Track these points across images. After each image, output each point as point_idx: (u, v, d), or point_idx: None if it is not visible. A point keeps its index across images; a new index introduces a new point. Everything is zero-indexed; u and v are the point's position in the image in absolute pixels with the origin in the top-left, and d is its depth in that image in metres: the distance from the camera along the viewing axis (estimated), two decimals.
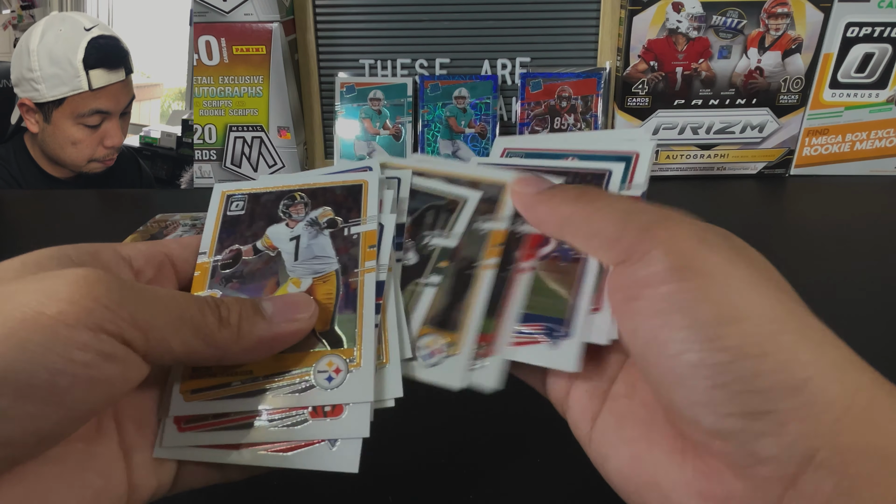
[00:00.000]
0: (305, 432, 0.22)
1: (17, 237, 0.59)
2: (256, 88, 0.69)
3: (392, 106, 0.68)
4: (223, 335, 0.21)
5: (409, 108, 0.68)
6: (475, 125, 0.67)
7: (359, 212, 0.26)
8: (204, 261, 0.26)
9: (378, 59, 0.72)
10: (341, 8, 0.71)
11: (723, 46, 0.66)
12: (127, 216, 0.62)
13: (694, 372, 0.18)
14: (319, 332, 0.23)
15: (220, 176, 0.71)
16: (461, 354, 0.23)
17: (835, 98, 0.68)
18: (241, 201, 0.27)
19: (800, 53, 0.66)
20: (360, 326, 0.23)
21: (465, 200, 0.26)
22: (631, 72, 0.67)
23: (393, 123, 0.68)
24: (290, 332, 0.22)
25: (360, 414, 0.22)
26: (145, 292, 0.19)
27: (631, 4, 0.64)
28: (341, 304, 0.24)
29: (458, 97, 0.68)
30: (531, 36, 0.70)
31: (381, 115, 0.69)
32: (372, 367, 0.22)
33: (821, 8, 0.64)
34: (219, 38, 0.68)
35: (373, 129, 0.69)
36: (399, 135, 0.68)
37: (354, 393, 0.22)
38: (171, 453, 0.22)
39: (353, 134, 0.70)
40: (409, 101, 0.68)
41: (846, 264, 0.50)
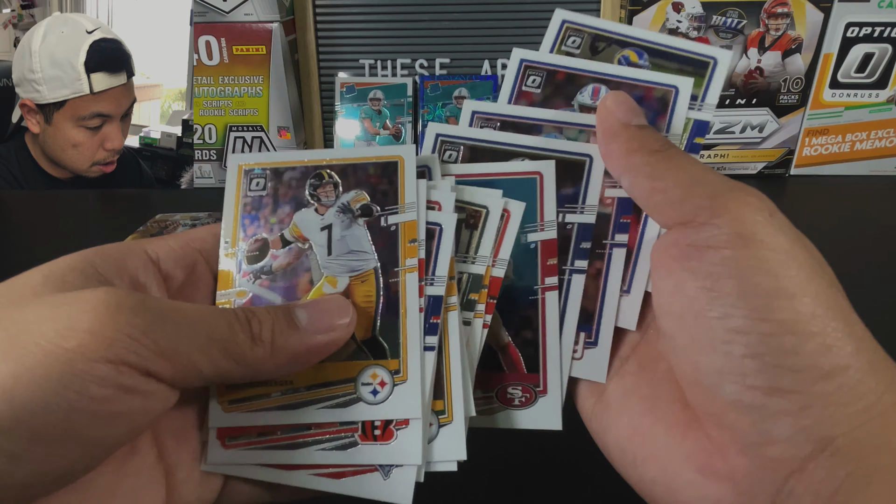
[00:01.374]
0: (356, 456, 0.20)
1: (17, 237, 0.59)
2: (256, 88, 0.69)
3: (392, 106, 0.68)
4: (255, 354, 0.19)
5: (409, 108, 0.68)
6: (389, 126, 0.68)
7: (396, 197, 0.22)
8: (228, 251, 0.23)
9: (378, 59, 0.72)
10: (341, 8, 0.71)
11: (723, 46, 0.66)
12: (127, 216, 0.62)
13: (732, 337, 0.18)
14: (360, 339, 0.21)
15: (220, 176, 0.71)
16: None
17: (835, 98, 0.68)
18: (261, 178, 0.24)
19: (800, 53, 0.66)
20: (403, 336, 0.21)
21: (488, 211, 0.23)
22: None
23: (393, 123, 0.68)
24: (325, 343, 0.20)
25: (412, 440, 0.20)
26: (171, 314, 0.18)
27: (631, 4, 0.64)
28: (383, 308, 0.21)
29: (458, 97, 0.68)
30: (531, 36, 0.70)
31: (381, 115, 0.69)
32: (418, 383, 0.20)
33: (821, 8, 0.64)
34: (219, 38, 0.68)
35: (373, 129, 0.69)
36: (399, 135, 0.68)
37: (402, 409, 0.20)
38: (219, 468, 0.21)
39: (353, 134, 0.70)
40: (409, 101, 0.68)
41: (846, 264, 0.50)
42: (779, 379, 0.17)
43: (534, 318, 0.22)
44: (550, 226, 0.22)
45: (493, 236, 0.22)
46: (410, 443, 0.20)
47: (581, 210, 0.23)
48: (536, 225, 0.22)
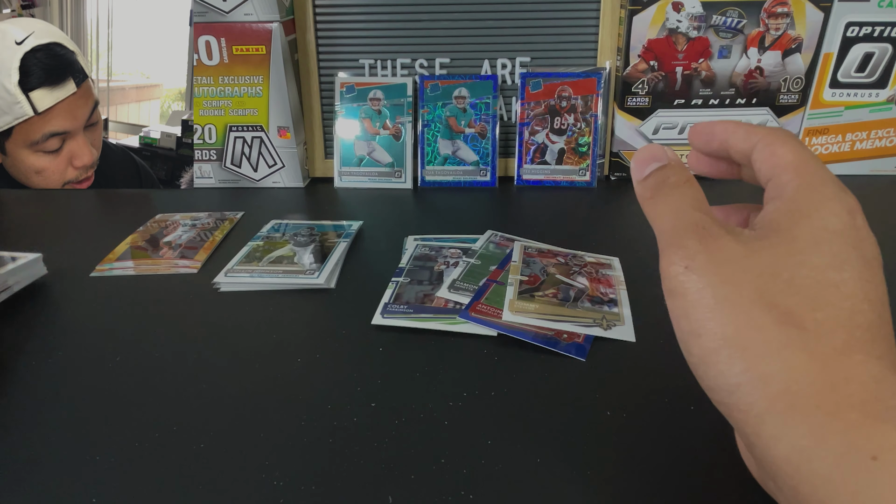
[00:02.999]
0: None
1: (16, 237, 0.59)
2: (256, 88, 0.69)
3: (392, 106, 0.68)
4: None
5: (409, 108, 0.68)
6: (475, 125, 0.67)
7: None
8: None
9: (378, 59, 0.72)
10: (341, 8, 0.71)
11: (723, 46, 0.66)
12: (127, 216, 0.62)
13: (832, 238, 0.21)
14: None
15: (220, 176, 0.71)
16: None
17: (835, 98, 0.68)
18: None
19: (800, 53, 0.66)
20: None
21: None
22: (631, 71, 0.67)
23: (393, 123, 0.68)
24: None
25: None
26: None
27: (631, 4, 0.64)
28: None
29: (458, 97, 0.68)
30: (531, 36, 0.70)
31: (381, 114, 0.69)
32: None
33: (821, 7, 0.64)
34: (219, 38, 0.68)
35: (373, 129, 0.69)
36: (399, 135, 0.68)
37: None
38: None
39: (353, 134, 0.70)
40: (409, 100, 0.68)
41: None
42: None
43: None
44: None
45: None
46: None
47: None
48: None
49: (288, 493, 0.28)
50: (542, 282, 0.44)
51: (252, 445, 0.31)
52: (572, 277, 0.45)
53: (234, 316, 0.42)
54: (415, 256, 0.49)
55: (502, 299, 0.42)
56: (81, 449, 0.31)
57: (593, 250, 0.49)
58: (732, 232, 0.23)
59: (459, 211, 0.61)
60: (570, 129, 0.67)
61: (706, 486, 0.28)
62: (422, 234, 0.53)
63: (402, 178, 0.68)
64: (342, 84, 0.69)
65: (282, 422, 0.32)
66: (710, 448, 0.30)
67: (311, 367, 0.37)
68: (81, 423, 0.32)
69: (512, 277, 0.44)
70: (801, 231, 0.21)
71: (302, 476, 0.29)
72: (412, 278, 0.46)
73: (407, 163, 0.68)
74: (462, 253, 0.49)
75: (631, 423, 0.32)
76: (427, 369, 0.36)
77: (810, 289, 0.20)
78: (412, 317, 0.41)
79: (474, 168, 0.67)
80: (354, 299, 0.44)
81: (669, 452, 0.30)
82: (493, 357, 0.37)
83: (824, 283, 0.20)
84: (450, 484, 0.28)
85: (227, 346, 0.39)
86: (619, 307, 0.42)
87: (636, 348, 0.38)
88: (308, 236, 0.53)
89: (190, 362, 0.37)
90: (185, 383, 0.35)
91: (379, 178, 0.68)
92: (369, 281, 0.46)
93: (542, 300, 0.42)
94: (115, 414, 0.33)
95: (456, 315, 0.41)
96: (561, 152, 0.67)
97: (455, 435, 0.31)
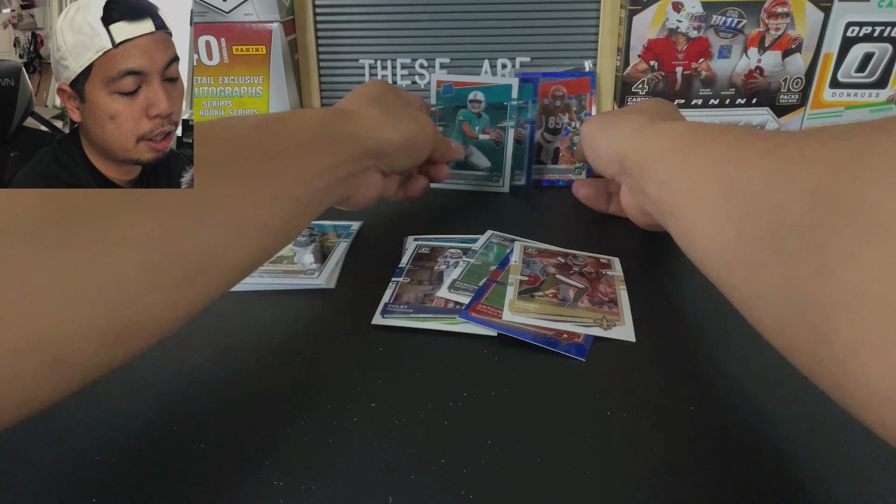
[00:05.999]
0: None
1: None
2: (256, 88, 0.69)
3: (493, 109, 0.64)
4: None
5: (513, 112, 0.63)
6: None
7: None
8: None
9: (378, 59, 0.72)
10: (341, 8, 0.71)
11: (723, 46, 0.66)
12: None
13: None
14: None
15: None
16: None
17: (835, 98, 0.68)
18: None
19: (800, 53, 0.66)
20: None
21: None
22: (631, 71, 0.67)
23: (494, 128, 0.64)
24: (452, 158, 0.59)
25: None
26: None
27: (631, 4, 0.64)
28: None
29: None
30: (531, 36, 0.70)
31: (482, 118, 0.64)
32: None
33: (821, 7, 0.64)
34: (219, 38, 0.68)
35: (471, 133, 0.65)
36: (500, 140, 0.64)
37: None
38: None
39: (449, 137, 0.64)
40: (512, 103, 0.64)
41: None
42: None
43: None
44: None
45: None
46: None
47: None
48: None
49: (288, 493, 0.28)
50: (542, 282, 0.44)
51: (252, 445, 0.31)
52: (572, 277, 0.45)
53: (233, 316, 0.42)
54: (415, 256, 0.49)
55: (502, 299, 0.42)
56: (81, 449, 0.31)
57: (593, 250, 0.49)
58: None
59: (459, 211, 0.61)
60: (566, 129, 0.67)
61: (706, 486, 0.28)
62: (422, 234, 0.53)
63: (500, 182, 0.65)
64: (438, 83, 0.64)
65: (282, 422, 0.32)
66: (710, 448, 0.30)
67: (311, 367, 0.37)
68: (80, 423, 0.32)
69: (512, 277, 0.44)
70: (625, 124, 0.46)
71: (302, 476, 0.29)
72: (412, 278, 0.46)
73: (506, 168, 0.64)
74: (462, 253, 0.49)
75: (631, 423, 0.32)
76: (427, 369, 0.36)
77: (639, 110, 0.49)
78: (412, 317, 0.41)
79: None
80: (354, 299, 0.44)
81: (669, 452, 0.30)
82: (493, 357, 0.37)
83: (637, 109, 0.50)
84: (450, 484, 0.28)
85: (226, 345, 0.39)
86: (619, 307, 0.42)
87: (636, 348, 0.38)
88: (308, 236, 0.53)
89: (189, 362, 0.37)
90: (184, 383, 0.35)
91: (475, 181, 0.65)
92: (369, 281, 0.46)
93: (542, 300, 0.42)
94: (115, 414, 0.33)
95: (456, 315, 0.41)
96: (556, 151, 0.67)
97: (455, 435, 0.31)
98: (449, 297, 0.43)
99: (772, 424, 0.31)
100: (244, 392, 0.35)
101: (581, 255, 0.48)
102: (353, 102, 0.47)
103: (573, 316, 0.40)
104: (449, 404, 0.33)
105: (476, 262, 0.47)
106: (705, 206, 0.29)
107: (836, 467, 0.29)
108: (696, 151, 0.32)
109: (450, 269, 0.46)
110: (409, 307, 0.42)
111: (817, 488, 0.28)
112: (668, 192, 0.34)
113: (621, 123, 0.46)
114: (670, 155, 0.35)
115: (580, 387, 0.35)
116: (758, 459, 0.29)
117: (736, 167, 0.27)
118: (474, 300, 0.42)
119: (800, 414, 0.32)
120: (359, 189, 0.45)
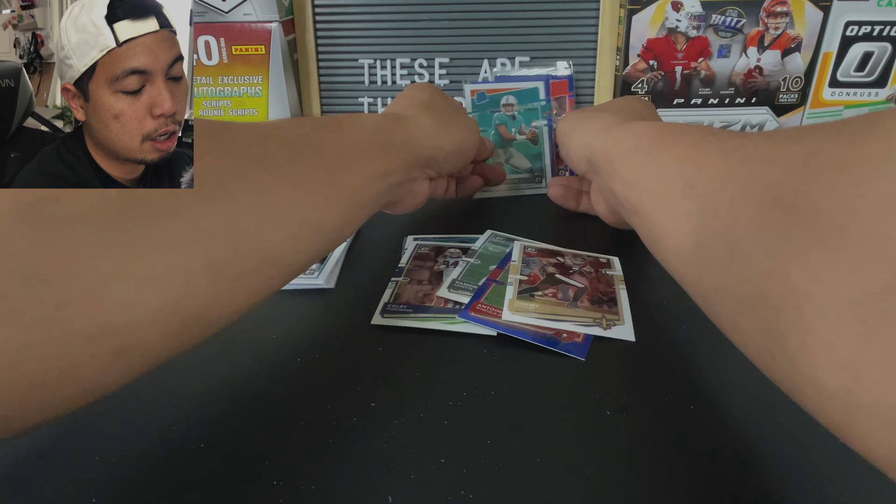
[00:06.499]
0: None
1: None
2: (256, 88, 0.69)
3: (526, 110, 0.65)
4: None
5: (545, 112, 0.65)
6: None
7: None
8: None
9: (377, 58, 0.72)
10: (341, 8, 0.71)
11: (722, 45, 0.66)
12: None
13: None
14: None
15: None
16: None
17: (834, 97, 0.68)
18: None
19: (799, 52, 0.66)
20: None
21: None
22: (630, 71, 0.67)
23: (529, 128, 0.65)
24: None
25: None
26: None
27: (630, 4, 0.64)
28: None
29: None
30: (530, 36, 0.70)
31: (516, 120, 0.65)
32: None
33: (820, 7, 0.64)
34: (218, 38, 0.68)
35: (508, 135, 0.65)
36: (536, 139, 0.65)
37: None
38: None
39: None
40: (542, 104, 0.65)
41: None
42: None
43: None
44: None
45: None
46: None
47: None
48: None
49: (288, 493, 0.28)
50: (541, 281, 0.44)
51: (252, 445, 0.31)
52: (572, 277, 0.45)
53: None
54: (414, 256, 0.49)
55: (502, 299, 0.42)
56: (80, 449, 0.31)
57: (593, 250, 0.49)
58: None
59: (459, 211, 0.61)
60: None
61: (706, 486, 0.28)
62: (421, 233, 0.53)
63: (542, 183, 0.65)
64: (472, 92, 0.65)
65: (281, 422, 0.32)
66: (710, 448, 0.30)
67: (311, 367, 0.37)
68: (79, 423, 0.32)
69: (512, 277, 0.44)
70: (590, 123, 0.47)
71: (302, 476, 0.29)
72: (412, 278, 0.46)
73: (547, 167, 0.65)
74: (462, 252, 0.49)
75: (631, 423, 0.32)
76: (427, 369, 0.36)
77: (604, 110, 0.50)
78: (412, 317, 0.41)
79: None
80: (354, 299, 0.44)
81: (669, 452, 0.30)
82: (492, 357, 0.37)
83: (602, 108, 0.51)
84: (450, 484, 0.28)
85: (226, 346, 0.39)
86: (619, 307, 0.42)
87: (636, 348, 0.38)
88: None
89: (188, 362, 0.37)
90: (183, 383, 0.35)
91: (519, 184, 0.65)
92: (369, 281, 0.46)
93: (541, 300, 0.42)
94: (114, 414, 0.33)
95: (456, 315, 0.41)
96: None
97: (455, 435, 0.31)
98: (448, 296, 0.43)
99: (772, 424, 0.31)
100: (244, 392, 0.35)
101: (581, 255, 0.48)
102: (407, 108, 0.47)
103: (573, 315, 0.40)
104: (448, 404, 0.33)
105: (476, 262, 0.47)
106: (667, 205, 0.30)
107: (837, 467, 0.29)
108: (659, 151, 0.33)
109: (449, 269, 0.46)
110: (409, 307, 0.42)
111: (818, 487, 0.28)
112: (632, 191, 0.35)
113: (590, 122, 0.46)
114: (635, 154, 0.36)
115: (580, 386, 0.35)
116: (758, 459, 0.29)
117: (696, 166, 0.28)
118: (474, 300, 0.42)
119: (800, 413, 0.32)
120: (407, 195, 0.46)
